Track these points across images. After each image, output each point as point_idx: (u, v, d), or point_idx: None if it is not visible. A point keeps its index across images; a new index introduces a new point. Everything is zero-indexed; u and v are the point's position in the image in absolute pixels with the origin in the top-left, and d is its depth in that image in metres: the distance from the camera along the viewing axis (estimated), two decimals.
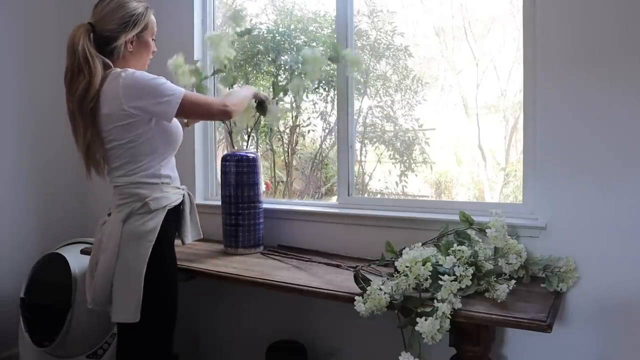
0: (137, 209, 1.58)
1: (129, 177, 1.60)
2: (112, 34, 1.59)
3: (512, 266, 1.61)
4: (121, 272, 1.54)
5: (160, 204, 1.60)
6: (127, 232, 1.56)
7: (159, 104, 1.54)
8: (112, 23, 1.59)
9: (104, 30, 1.59)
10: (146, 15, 1.66)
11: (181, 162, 2.21)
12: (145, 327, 1.57)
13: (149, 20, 1.68)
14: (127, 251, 1.55)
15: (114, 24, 1.59)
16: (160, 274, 1.59)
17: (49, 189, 2.72)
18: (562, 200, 1.70)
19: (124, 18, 1.59)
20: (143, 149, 1.59)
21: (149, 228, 1.56)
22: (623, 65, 1.60)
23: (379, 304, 1.46)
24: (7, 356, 2.51)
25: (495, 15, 2.44)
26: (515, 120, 2.43)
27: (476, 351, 1.48)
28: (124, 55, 1.63)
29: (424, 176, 2.63)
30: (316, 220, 2.19)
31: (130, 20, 1.60)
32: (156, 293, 1.58)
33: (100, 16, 1.59)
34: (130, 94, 1.53)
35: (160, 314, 1.60)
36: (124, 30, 1.60)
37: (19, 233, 2.63)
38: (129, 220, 1.57)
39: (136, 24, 1.62)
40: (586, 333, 1.68)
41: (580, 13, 1.65)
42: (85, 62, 1.53)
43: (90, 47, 1.55)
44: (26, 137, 2.63)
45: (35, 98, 2.64)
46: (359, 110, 2.49)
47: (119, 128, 1.55)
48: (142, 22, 1.64)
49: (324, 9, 2.79)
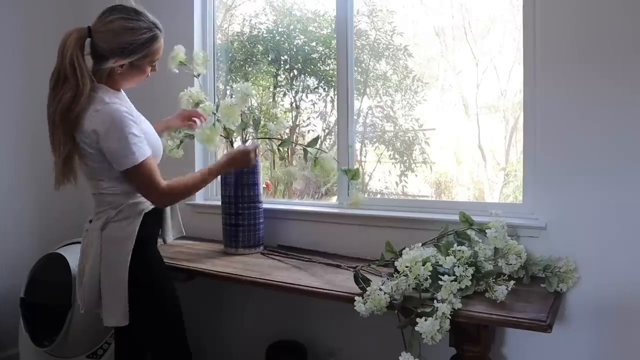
0: (112, 216, 1.57)
1: (104, 187, 1.57)
2: (105, 53, 1.50)
3: (512, 267, 1.61)
4: (106, 278, 1.55)
5: (135, 210, 1.59)
6: (106, 239, 1.56)
7: (115, 154, 1.48)
8: (109, 43, 1.49)
9: (99, 44, 1.50)
10: (151, 43, 1.54)
11: (181, 162, 2.22)
12: (139, 329, 1.59)
13: (152, 48, 1.55)
14: (108, 258, 1.55)
15: (111, 46, 1.49)
16: (147, 276, 1.59)
17: (48, 189, 2.71)
18: (562, 201, 1.70)
19: (123, 44, 1.49)
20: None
21: (126, 234, 1.55)
22: (623, 65, 1.59)
23: (379, 304, 1.46)
24: (7, 356, 2.51)
25: (495, 15, 2.44)
26: (515, 120, 2.42)
27: (476, 351, 1.48)
28: (110, 74, 1.54)
29: (424, 176, 2.63)
30: (316, 220, 2.19)
31: (129, 47, 1.49)
32: (146, 295, 1.58)
33: (100, 30, 1.49)
34: (101, 133, 1.46)
35: (152, 315, 1.60)
36: (119, 55, 1.50)
37: (19, 233, 2.63)
38: (106, 228, 1.56)
39: (133, 53, 1.51)
40: (586, 333, 1.68)
41: (580, 13, 1.65)
42: (72, 72, 1.45)
43: (80, 58, 1.47)
44: (26, 138, 2.63)
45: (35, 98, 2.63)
46: (359, 110, 2.49)
47: (95, 148, 1.51)
48: (142, 50, 1.52)
49: (324, 8, 2.79)
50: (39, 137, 2.74)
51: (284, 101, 2.97)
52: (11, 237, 2.58)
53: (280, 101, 2.98)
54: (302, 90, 2.87)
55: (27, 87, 2.61)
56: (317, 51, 2.83)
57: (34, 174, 2.67)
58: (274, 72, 2.94)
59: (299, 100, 2.90)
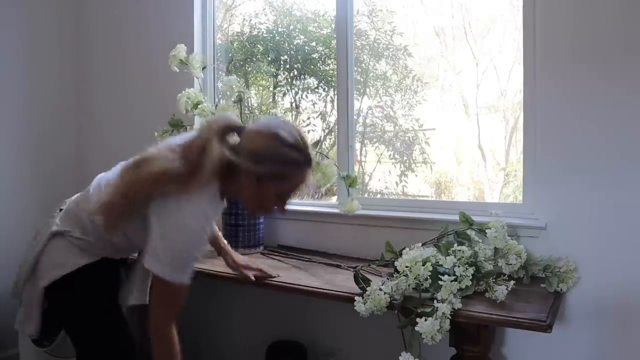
0: (75, 236, 1.47)
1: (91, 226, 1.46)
2: (237, 164, 1.32)
3: (512, 267, 1.60)
4: (30, 280, 1.52)
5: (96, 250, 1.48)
6: (49, 250, 1.47)
7: (160, 261, 1.29)
8: (247, 159, 1.31)
9: (237, 154, 1.32)
10: (290, 175, 1.35)
11: None
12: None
13: (287, 182, 1.36)
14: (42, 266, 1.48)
15: (248, 162, 1.31)
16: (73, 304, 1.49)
17: (48, 189, 2.72)
18: (562, 200, 1.70)
19: (262, 167, 1.31)
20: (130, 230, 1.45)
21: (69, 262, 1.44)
22: (622, 65, 1.59)
23: (379, 304, 1.46)
24: (7, 356, 2.51)
25: (495, 15, 2.44)
26: (515, 120, 2.42)
27: (476, 351, 1.48)
28: (227, 176, 1.33)
29: (424, 176, 2.63)
30: (316, 220, 2.19)
31: (268, 174, 1.32)
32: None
33: (244, 141, 1.33)
34: (165, 232, 1.30)
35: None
36: (253, 176, 1.32)
37: (22, 233, 2.63)
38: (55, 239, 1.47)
39: (268, 179, 1.33)
40: (586, 333, 1.68)
41: (580, 13, 1.65)
42: (199, 166, 1.28)
43: (216, 164, 1.28)
44: (29, 138, 2.63)
45: (36, 99, 2.63)
46: (359, 110, 2.49)
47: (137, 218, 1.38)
48: (277, 179, 1.34)
49: (324, 8, 2.79)
50: (43, 138, 2.76)
51: (284, 101, 2.97)
52: (14, 237, 2.58)
53: (280, 101, 2.98)
54: (302, 90, 2.87)
55: (30, 87, 2.61)
56: (317, 51, 2.83)
57: (37, 175, 2.67)
58: (274, 72, 2.94)
59: (299, 100, 2.90)
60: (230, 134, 1.36)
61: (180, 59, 2.09)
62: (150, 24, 2.56)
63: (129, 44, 2.63)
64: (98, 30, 2.72)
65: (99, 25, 2.71)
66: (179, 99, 2.12)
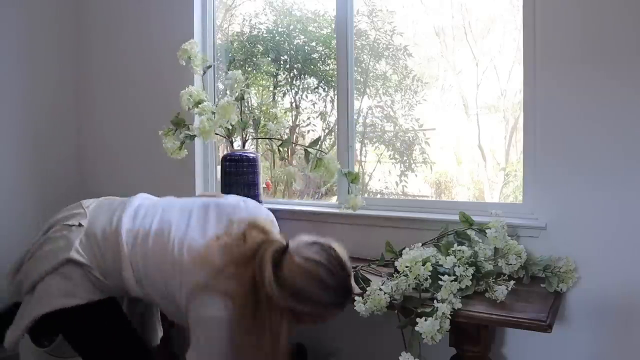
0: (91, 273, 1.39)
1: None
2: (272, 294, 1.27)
3: (512, 267, 1.60)
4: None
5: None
6: (60, 274, 1.39)
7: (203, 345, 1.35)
8: (289, 295, 1.27)
9: (281, 287, 1.26)
10: (324, 314, 1.34)
11: (181, 162, 2.22)
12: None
13: (319, 318, 1.36)
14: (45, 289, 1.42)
15: (288, 298, 1.27)
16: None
17: (48, 189, 2.72)
18: (562, 200, 1.70)
19: (301, 307, 1.29)
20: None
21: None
22: (622, 65, 1.59)
23: (379, 304, 1.46)
24: (7, 356, 2.50)
25: (495, 15, 2.44)
26: (515, 120, 2.43)
27: (476, 351, 1.48)
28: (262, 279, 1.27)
29: (424, 176, 2.63)
30: (316, 220, 2.19)
31: (303, 312, 1.31)
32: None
33: (287, 273, 1.27)
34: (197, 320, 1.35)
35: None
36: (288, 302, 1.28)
37: (21, 234, 2.63)
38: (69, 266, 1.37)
39: (301, 313, 1.31)
40: (586, 333, 1.68)
41: (580, 12, 1.65)
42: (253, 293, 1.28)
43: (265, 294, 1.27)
44: (28, 138, 2.62)
45: (35, 99, 2.63)
46: (359, 110, 2.49)
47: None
48: (310, 315, 1.33)
49: (324, 8, 2.79)
50: (42, 138, 2.75)
51: (284, 101, 2.97)
52: (14, 237, 2.58)
53: (280, 101, 2.98)
54: (302, 90, 2.87)
55: (30, 87, 2.61)
56: (317, 51, 2.83)
57: (36, 175, 2.66)
58: (274, 72, 2.94)
59: (299, 100, 2.90)
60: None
61: (189, 55, 2.08)
62: (150, 23, 2.56)
63: (128, 44, 2.63)
64: (98, 30, 2.72)
65: (99, 25, 2.71)
66: (181, 95, 2.11)
